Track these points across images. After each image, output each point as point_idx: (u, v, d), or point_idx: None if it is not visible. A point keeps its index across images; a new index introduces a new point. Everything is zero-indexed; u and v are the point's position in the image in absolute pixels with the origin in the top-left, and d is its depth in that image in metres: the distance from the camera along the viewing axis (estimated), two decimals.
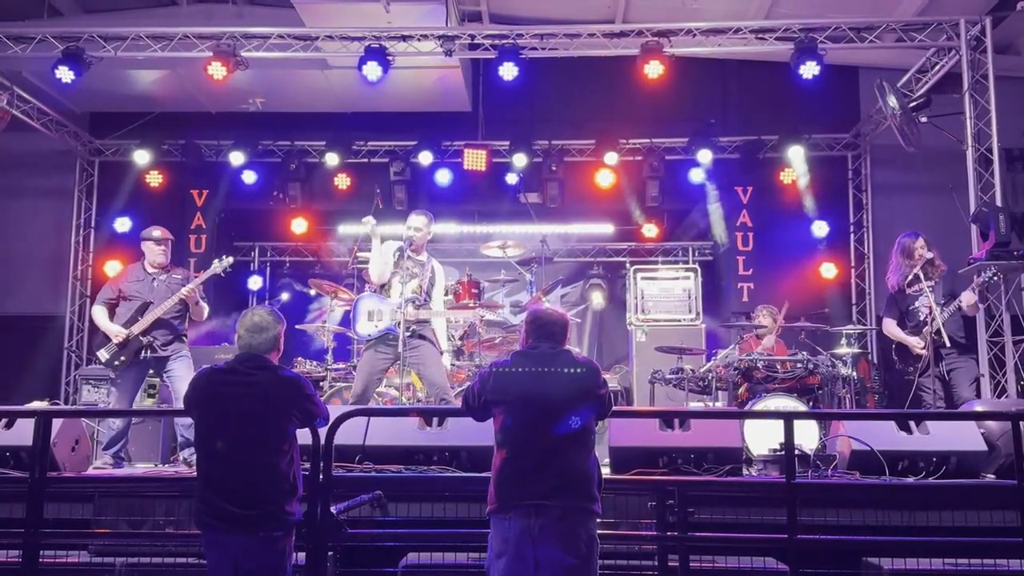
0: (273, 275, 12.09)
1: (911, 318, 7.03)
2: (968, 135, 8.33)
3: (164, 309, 6.74)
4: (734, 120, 11.30)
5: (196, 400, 4.01)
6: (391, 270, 6.74)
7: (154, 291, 6.86)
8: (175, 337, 6.88)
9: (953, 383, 6.77)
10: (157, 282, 6.89)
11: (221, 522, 3.79)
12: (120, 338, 6.66)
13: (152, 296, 6.82)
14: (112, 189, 11.58)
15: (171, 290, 6.85)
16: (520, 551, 3.55)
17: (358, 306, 6.84)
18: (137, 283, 6.90)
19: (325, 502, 4.26)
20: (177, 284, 6.91)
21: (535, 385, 3.75)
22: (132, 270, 7.07)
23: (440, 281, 6.98)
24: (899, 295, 7.15)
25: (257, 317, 4.05)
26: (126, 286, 6.90)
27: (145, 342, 6.71)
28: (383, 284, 6.80)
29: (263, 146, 11.46)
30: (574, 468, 3.65)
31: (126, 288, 6.90)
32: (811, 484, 5.20)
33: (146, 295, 6.82)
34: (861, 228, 11.36)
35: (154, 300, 6.79)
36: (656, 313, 9.58)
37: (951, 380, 6.78)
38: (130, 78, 10.41)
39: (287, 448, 3.90)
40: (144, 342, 6.70)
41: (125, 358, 6.69)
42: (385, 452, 5.50)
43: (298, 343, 10.19)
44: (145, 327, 6.70)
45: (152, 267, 6.96)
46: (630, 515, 4.70)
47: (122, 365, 6.70)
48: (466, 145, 10.96)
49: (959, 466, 5.44)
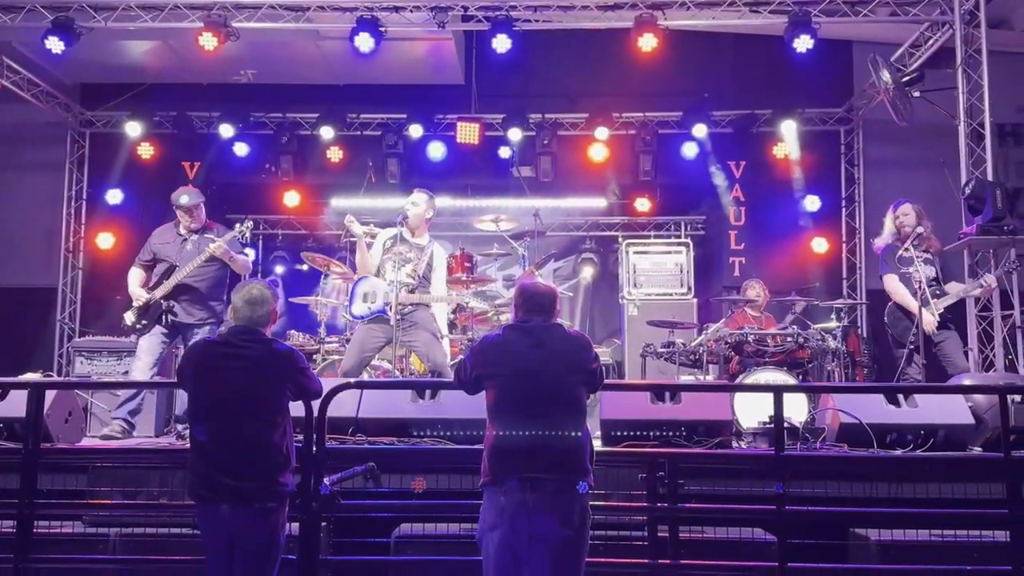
0: (266, 248, 12.02)
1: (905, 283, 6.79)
2: (961, 110, 8.32)
3: (187, 272, 6.61)
4: (727, 94, 11.26)
5: (190, 372, 4.01)
6: (376, 263, 6.71)
7: (183, 253, 6.72)
8: (203, 305, 6.73)
9: (947, 355, 6.68)
10: (188, 243, 6.76)
11: (215, 494, 3.81)
12: (140, 302, 6.58)
13: (180, 259, 6.70)
14: (104, 161, 11.50)
15: (200, 252, 6.70)
16: (515, 524, 3.57)
17: (356, 288, 6.82)
18: (166, 245, 6.79)
19: (318, 474, 4.28)
20: (206, 246, 6.73)
21: (527, 359, 3.76)
22: (165, 229, 6.92)
23: (440, 266, 6.84)
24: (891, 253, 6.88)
25: (256, 291, 4.05)
26: (158, 247, 6.81)
27: (165, 307, 6.60)
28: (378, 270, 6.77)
29: (255, 118, 11.39)
30: (567, 441, 3.67)
31: (158, 250, 6.80)
32: (800, 456, 5.25)
33: (174, 258, 6.70)
34: (853, 203, 11.37)
35: (180, 263, 6.68)
36: (648, 287, 9.59)
37: (942, 351, 6.69)
38: (121, 49, 10.31)
39: (280, 420, 3.91)
40: (164, 307, 6.60)
41: (147, 322, 6.61)
42: (378, 424, 5.52)
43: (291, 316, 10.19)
44: (167, 291, 6.60)
45: (185, 229, 6.83)
46: (621, 487, 4.73)
47: (144, 329, 6.62)
48: (459, 118, 10.90)
49: (947, 439, 5.48)
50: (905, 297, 6.73)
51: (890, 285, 6.90)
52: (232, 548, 3.77)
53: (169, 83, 11.20)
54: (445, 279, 6.95)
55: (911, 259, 6.70)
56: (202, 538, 3.91)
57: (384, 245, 6.76)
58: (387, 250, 6.71)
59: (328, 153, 11.29)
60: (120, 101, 11.28)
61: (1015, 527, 4.39)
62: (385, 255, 6.71)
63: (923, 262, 6.76)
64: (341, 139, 11.27)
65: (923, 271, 6.68)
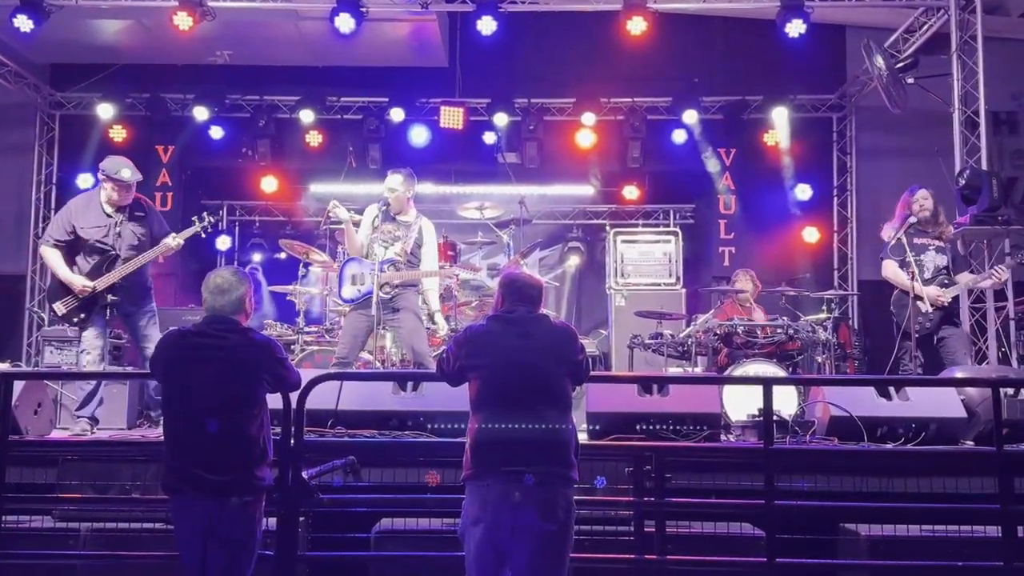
0: (242, 235, 11.99)
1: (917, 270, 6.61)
2: (955, 97, 8.37)
3: (136, 265, 6.21)
4: (718, 80, 11.27)
5: (163, 362, 3.99)
6: (366, 243, 6.69)
7: (120, 240, 6.22)
8: (143, 291, 6.40)
9: (950, 350, 6.60)
10: (122, 227, 6.24)
11: (189, 487, 3.78)
12: (86, 291, 6.13)
13: (119, 246, 6.21)
14: (74, 144, 11.39)
15: (135, 236, 6.27)
16: (498, 518, 3.58)
17: (343, 270, 6.81)
18: (97, 228, 6.20)
19: (296, 467, 4.26)
20: (142, 228, 6.30)
21: (512, 350, 3.76)
22: (88, 209, 6.27)
23: (430, 240, 6.79)
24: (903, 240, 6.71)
25: (220, 278, 4.01)
26: (84, 231, 6.19)
27: (109, 300, 6.19)
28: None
29: (231, 100, 11.32)
30: (552, 433, 3.67)
31: (84, 233, 6.19)
32: (789, 450, 5.28)
33: (111, 245, 6.20)
34: (845, 192, 11.42)
35: (120, 250, 6.21)
36: (636, 277, 9.61)
37: (945, 348, 6.62)
38: (92, 28, 10.20)
39: (257, 412, 3.89)
40: (109, 300, 6.19)
41: (86, 316, 6.17)
42: (358, 417, 5.51)
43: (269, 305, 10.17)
44: (110, 283, 6.17)
45: (111, 205, 6.23)
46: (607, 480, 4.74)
47: (82, 324, 6.22)
48: (443, 102, 10.86)
49: (938, 433, 5.52)
50: (904, 282, 6.59)
51: (888, 271, 6.83)
52: (207, 543, 3.74)
53: (142, 64, 11.10)
54: (436, 254, 6.91)
55: (920, 247, 6.69)
56: (176, 533, 3.89)
57: (373, 223, 6.74)
58: (375, 228, 6.69)
59: (307, 137, 11.23)
60: (91, 82, 11.17)
61: (1007, 523, 4.42)
62: (373, 234, 6.68)
63: (935, 250, 6.73)
64: (321, 123, 11.22)
65: (935, 259, 6.68)
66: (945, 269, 6.73)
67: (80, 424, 6.22)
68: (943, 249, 6.78)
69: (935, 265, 6.68)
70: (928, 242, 6.73)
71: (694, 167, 11.39)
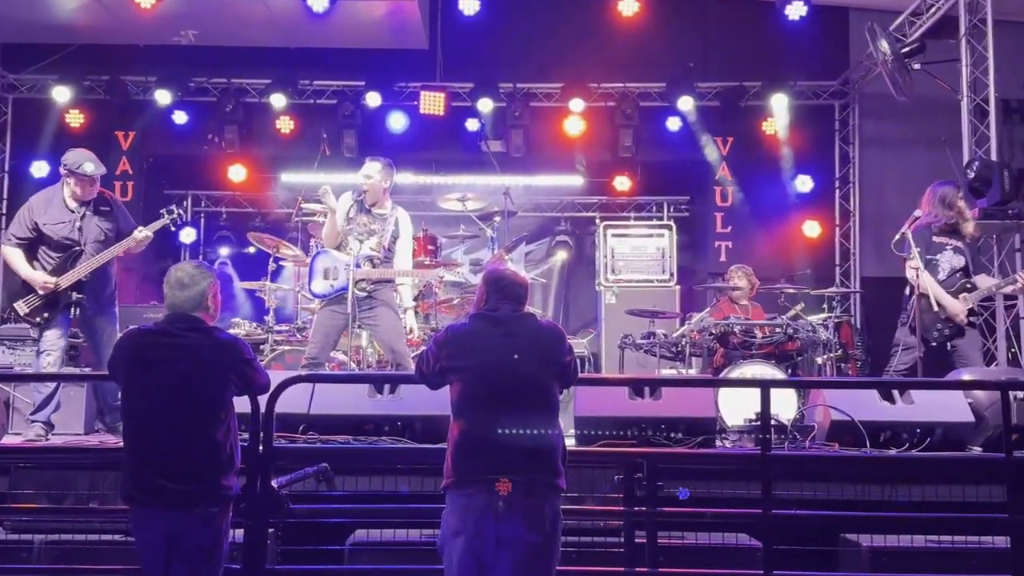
0: (208, 227, 11.94)
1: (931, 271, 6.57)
2: (964, 84, 8.41)
3: (102, 260, 6.23)
4: (714, 65, 11.27)
5: (122, 364, 3.96)
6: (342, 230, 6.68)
7: (84, 235, 6.24)
8: (107, 291, 6.44)
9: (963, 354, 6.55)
10: (85, 222, 6.24)
11: (151, 497, 3.77)
12: (48, 288, 6.12)
13: (82, 240, 6.23)
14: (28, 129, 11.29)
15: (101, 230, 6.29)
16: (480, 528, 3.58)
17: (315, 263, 6.78)
18: (61, 224, 6.21)
19: (266, 475, 4.26)
20: (108, 222, 6.34)
21: (496, 351, 3.76)
22: (51, 204, 6.29)
23: (406, 232, 6.81)
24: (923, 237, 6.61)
25: (181, 272, 4.00)
26: (47, 227, 6.21)
27: (75, 298, 6.19)
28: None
29: (196, 84, 11.26)
30: (538, 440, 3.67)
31: (47, 229, 6.20)
32: (787, 456, 5.30)
33: (76, 239, 6.22)
34: (847, 183, 11.46)
35: (85, 245, 6.26)
36: (627, 273, 9.63)
37: (958, 352, 6.56)
38: (48, 5, 10.10)
39: (224, 417, 3.88)
40: (73, 298, 6.19)
41: (48, 315, 6.21)
42: (332, 421, 5.50)
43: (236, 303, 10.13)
44: (75, 280, 6.18)
45: (75, 200, 6.26)
46: (596, 489, 4.76)
47: (45, 323, 6.21)
48: (423, 87, 10.84)
49: (944, 438, 5.56)
50: (933, 286, 6.45)
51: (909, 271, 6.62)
52: (170, 556, 3.73)
53: (101, 44, 11.01)
54: (411, 248, 6.92)
55: (946, 244, 6.67)
56: (136, 545, 3.87)
57: (348, 213, 6.72)
58: (350, 219, 6.68)
59: (278, 123, 11.19)
60: (46, 64, 11.07)
61: (1016, 533, 4.45)
62: (347, 226, 6.67)
63: (952, 250, 6.68)
64: (292, 108, 11.17)
65: (951, 260, 6.65)
66: (961, 271, 6.66)
67: (34, 429, 6.17)
68: (961, 250, 6.70)
69: (951, 267, 6.64)
70: (946, 241, 6.68)
71: (689, 157, 11.42)
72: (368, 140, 11.09)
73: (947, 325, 6.53)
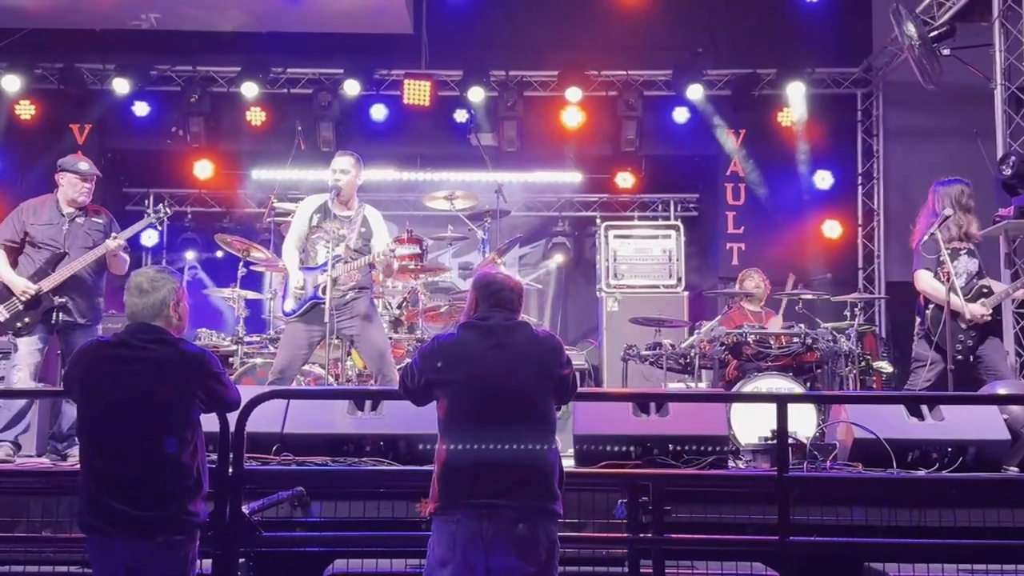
0: (172, 229, 11.92)
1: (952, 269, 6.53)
2: (997, 71, 8.44)
3: (83, 263, 6.43)
4: (725, 50, 11.32)
5: (78, 378, 3.96)
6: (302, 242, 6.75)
7: (69, 238, 6.48)
8: (92, 302, 6.62)
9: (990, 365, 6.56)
10: (73, 227, 6.52)
11: (110, 525, 3.76)
12: (29, 295, 6.31)
13: (67, 245, 6.46)
14: None
15: (90, 237, 6.54)
16: (468, 558, 3.58)
17: (287, 284, 6.87)
18: (49, 227, 6.49)
19: (235, 500, 4.26)
20: (98, 231, 6.60)
21: (487, 363, 3.77)
22: (43, 207, 6.60)
23: (379, 228, 6.85)
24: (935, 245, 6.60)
25: (141, 277, 4.00)
26: (35, 229, 6.47)
27: (57, 303, 6.38)
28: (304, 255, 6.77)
29: (158, 72, 11.29)
30: (532, 461, 3.68)
31: (35, 231, 6.47)
32: (807, 478, 5.30)
33: (60, 243, 6.48)
34: (871, 179, 11.51)
35: (70, 251, 6.47)
36: (631, 278, 9.65)
37: (984, 363, 6.58)
38: None
39: (190, 437, 3.88)
40: (56, 303, 6.38)
41: (30, 320, 6.39)
42: (308, 441, 5.49)
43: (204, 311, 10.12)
44: (57, 284, 6.37)
45: (70, 206, 6.55)
46: (597, 514, 4.76)
47: (25, 329, 6.41)
48: (407, 75, 10.88)
49: (978, 457, 5.56)
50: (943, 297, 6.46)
51: (923, 283, 6.74)
52: None
53: (54, 29, 11.02)
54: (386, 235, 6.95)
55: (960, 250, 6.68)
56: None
57: (311, 221, 6.75)
58: (314, 228, 6.70)
59: (248, 114, 11.22)
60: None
61: None
62: (314, 234, 6.70)
63: (966, 254, 6.72)
64: (264, 98, 11.20)
65: (967, 265, 6.67)
66: (977, 275, 6.72)
67: (2, 448, 6.28)
68: (974, 252, 6.77)
69: (967, 272, 6.67)
70: (959, 246, 6.72)
71: (697, 151, 11.47)
72: (347, 133, 11.12)
73: (969, 336, 6.55)
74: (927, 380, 6.65)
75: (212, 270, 11.02)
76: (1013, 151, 8.19)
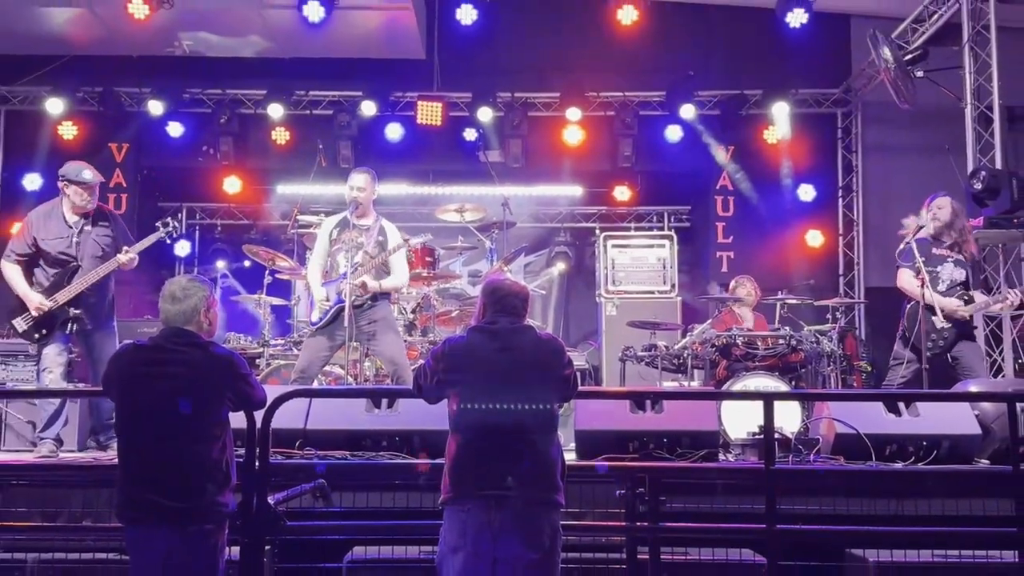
0: (203, 240, 11.96)
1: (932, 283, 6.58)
2: (967, 91, 8.43)
3: (97, 276, 6.30)
4: (714, 73, 11.31)
5: (116, 379, 3.97)
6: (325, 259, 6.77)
7: (81, 249, 6.33)
8: (105, 306, 6.52)
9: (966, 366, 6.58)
10: (83, 237, 6.35)
11: (146, 515, 3.77)
12: (42, 310, 6.22)
13: (79, 255, 6.32)
14: (21, 142, 11.37)
15: (99, 245, 6.38)
16: (478, 546, 3.58)
17: (313, 299, 6.88)
18: (59, 239, 6.32)
19: (262, 492, 4.25)
20: (107, 236, 6.44)
21: (494, 364, 3.76)
22: (49, 218, 6.41)
23: (394, 237, 6.85)
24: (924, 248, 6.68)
25: (175, 286, 4.01)
26: (46, 243, 6.32)
27: (72, 314, 6.28)
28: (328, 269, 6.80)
29: (190, 95, 11.30)
30: (536, 455, 3.68)
31: (46, 245, 6.32)
32: (792, 470, 5.29)
33: (73, 254, 6.33)
34: (851, 192, 11.49)
35: (82, 261, 6.31)
36: (628, 284, 9.64)
37: (961, 364, 6.61)
38: (41, 17, 10.16)
39: (219, 433, 3.88)
40: (71, 314, 6.28)
41: (47, 331, 6.29)
42: (329, 437, 5.49)
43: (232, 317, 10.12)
44: (71, 297, 6.25)
45: (76, 213, 6.37)
46: (597, 504, 4.75)
47: (43, 340, 6.31)
48: (420, 97, 10.88)
49: (951, 451, 5.54)
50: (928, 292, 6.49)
51: (903, 280, 6.77)
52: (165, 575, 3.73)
53: (94, 55, 11.06)
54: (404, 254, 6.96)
55: (943, 258, 6.68)
56: (131, 564, 3.87)
57: (331, 236, 6.77)
58: (334, 241, 6.72)
59: (273, 134, 11.22)
60: (39, 75, 11.11)
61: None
62: (334, 247, 6.72)
63: (952, 263, 6.73)
64: (288, 119, 11.21)
65: (952, 273, 6.67)
66: (962, 285, 6.71)
67: (46, 446, 6.27)
68: (962, 263, 6.75)
69: (951, 279, 6.67)
70: (946, 254, 6.72)
71: (689, 166, 11.45)
72: (364, 151, 11.13)
73: (941, 336, 6.54)
74: (903, 377, 6.68)
75: (240, 278, 11.01)
76: (983, 166, 8.18)
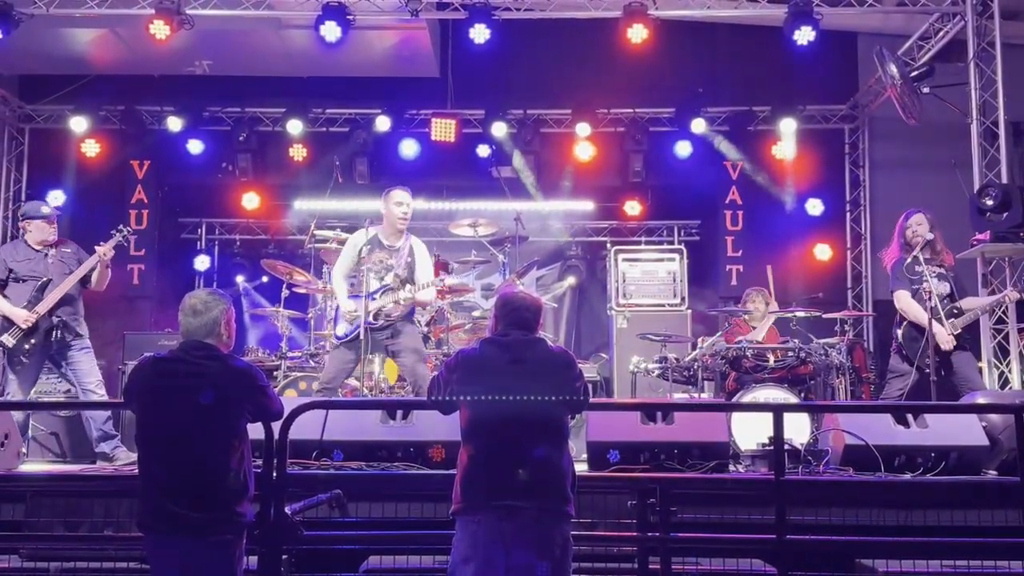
0: (222, 255, 12.00)
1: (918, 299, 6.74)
2: (973, 107, 8.41)
3: (71, 282, 6.68)
4: (723, 90, 11.32)
5: (136, 391, 3.98)
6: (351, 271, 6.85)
7: (50, 268, 6.75)
8: (79, 319, 6.85)
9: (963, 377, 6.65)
10: (50, 257, 6.79)
11: (166, 524, 3.77)
12: (30, 322, 6.55)
13: (49, 273, 6.73)
14: (45, 159, 11.44)
15: (66, 265, 6.78)
16: (490, 556, 3.57)
17: (339, 311, 6.95)
18: (28, 261, 6.76)
19: (279, 502, 4.25)
20: (72, 258, 6.84)
21: (505, 376, 3.76)
22: (16, 249, 6.91)
23: (423, 259, 6.94)
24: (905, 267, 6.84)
25: (195, 299, 4.02)
26: (16, 265, 6.75)
27: (55, 322, 6.64)
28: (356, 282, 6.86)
29: (210, 113, 11.36)
30: (547, 466, 3.67)
31: (17, 267, 6.75)
32: (801, 481, 5.27)
33: (42, 271, 6.74)
34: (858, 207, 11.46)
35: (53, 277, 6.72)
36: (638, 297, 9.62)
37: (957, 375, 6.66)
38: (64, 37, 10.23)
39: (238, 444, 3.89)
40: (54, 322, 6.64)
41: (35, 341, 6.62)
42: (345, 448, 5.50)
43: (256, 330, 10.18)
44: (51, 306, 6.62)
45: (40, 247, 6.82)
46: (608, 515, 4.73)
47: (33, 349, 6.63)
48: (434, 114, 10.91)
49: (959, 462, 5.53)
50: (920, 315, 6.66)
51: (902, 302, 6.88)
52: None
53: (116, 75, 11.12)
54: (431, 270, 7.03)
55: (922, 274, 6.69)
56: (152, 573, 3.88)
57: (360, 252, 6.79)
58: (364, 259, 6.75)
59: (291, 151, 11.26)
60: (63, 94, 11.20)
61: None
62: (364, 264, 6.75)
63: (936, 277, 6.75)
64: (305, 136, 11.24)
65: (936, 287, 6.67)
66: (948, 297, 6.78)
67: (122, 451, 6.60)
68: (945, 276, 6.83)
69: (939, 294, 6.69)
70: (928, 269, 6.74)
71: (699, 181, 11.43)
72: (380, 167, 11.17)
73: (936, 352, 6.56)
74: (899, 390, 6.78)
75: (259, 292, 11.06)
76: (991, 182, 8.15)
